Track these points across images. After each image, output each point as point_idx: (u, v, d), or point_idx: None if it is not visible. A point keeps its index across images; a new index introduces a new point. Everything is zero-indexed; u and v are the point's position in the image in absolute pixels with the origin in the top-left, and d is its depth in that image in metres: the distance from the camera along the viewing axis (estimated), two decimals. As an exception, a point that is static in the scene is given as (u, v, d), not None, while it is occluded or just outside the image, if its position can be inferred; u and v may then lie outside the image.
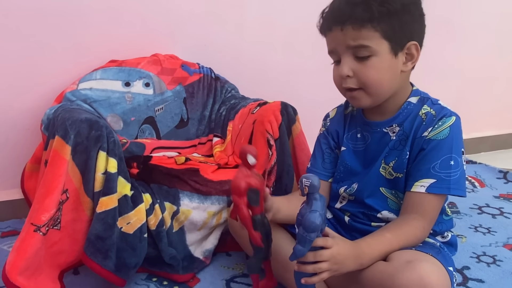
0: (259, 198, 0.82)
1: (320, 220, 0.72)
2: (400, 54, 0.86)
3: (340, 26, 0.83)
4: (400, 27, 0.84)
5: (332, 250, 0.74)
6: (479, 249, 1.22)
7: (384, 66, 0.85)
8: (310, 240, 0.73)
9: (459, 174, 0.85)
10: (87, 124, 0.96)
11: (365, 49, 0.83)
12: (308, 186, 0.73)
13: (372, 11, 0.81)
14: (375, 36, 0.83)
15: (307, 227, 0.72)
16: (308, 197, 0.74)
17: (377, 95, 0.88)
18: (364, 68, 0.85)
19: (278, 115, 1.19)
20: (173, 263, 1.04)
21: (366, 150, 0.96)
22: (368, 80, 0.85)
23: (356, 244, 0.80)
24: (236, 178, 0.80)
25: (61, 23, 1.29)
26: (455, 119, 0.87)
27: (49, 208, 0.91)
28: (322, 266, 0.74)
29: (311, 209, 0.73)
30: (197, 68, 1.44)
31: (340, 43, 0.85)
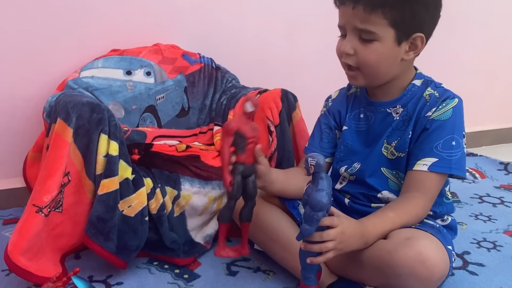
0: (245, 146, 0.82)
1: (327, 199, 0.72)
2: (404, 43, 0.87)
3: (353, 4, 0.84)
4: (411, 17, 0.84)
5: (338, 229, 0.75)
6: (480, 236, 1.22)
7: (385, 52, 0.86)
8: (317, 219, 0.73)
9: (459, 154, 0.86)
10: (89, 107, 0.97)
11: (370, 34, 0.84)
12: (314, 165, 0.73)
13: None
14: (382, 23, 0.83)
15: (313, 206, 0.72)
16: (314, 176, 0.75)
17: (373, 78, 0.90)
18: (365, 50, 0.86)
19: (278, 102, 1.20)
20: (174, 247, 1.05)
21: (369, 130, 0.97)
22: (366, 62, 0.87)
23: (361, 223, 0.80)
24: (229, 120, 0.82)
25: (63, 12, 1.30)
26: (458, 101, 0.89)
27: (51, 189, 0.92)
28: (328, 245, 0.74)
29: (318, 188, 0.73)
30: (198, 58, 1.45)
31: (348, 21, 0.86)
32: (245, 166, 0.83)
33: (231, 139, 0.81)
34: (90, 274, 0.99)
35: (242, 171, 0.83)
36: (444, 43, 2.00)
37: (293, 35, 1.66)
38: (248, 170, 0.84)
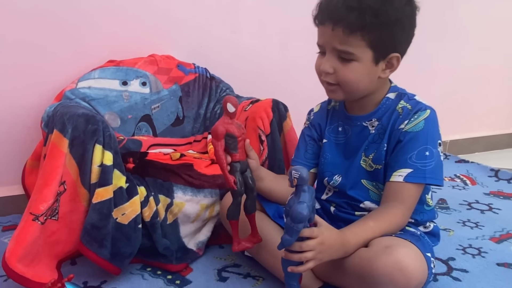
0: (237, 145, 0.87)
1: (307, 211, 0.75)
2: (381, 62, 0.90)
3: (332, 25, 0.86)
4: (387, 39, 0.87)
5: (317, 240, 0.78)
6: (466, 242, 1.25)
7: (364, 72, 0.90)
8: (297, 230, 0.76)
9: (434, 164, 0.89)
10: (84, 119, 1.00)
11: (349, 54, 0.88)
12: (297, 178, 0.76)
13: (365, 21, 0.84)
14: (361, 44, 0.86)
15: (294, 217, 0.75)
16: (297, 188, 0.77)
17: (352, 93, 0.93)
18: (344, 69, 0.89)
19: (269, 112, 1.24)
20: (167, 253, 1.08)
21: (347, 143, 1.00)
22: (346, 80, 0.90)
23: (341, 233, 0.83)
24: (216, 124, 0.86)
25: (61, 24, 1.34)
26: (430, 112, 0.92)
27: (47, 198, 0.95)
28: (307, 255, 0.78)
29: (299, 200, 0.76)
30: (192, 68, 1.49)
31: (328, 41, 0.89)
32: (241, 163, 0.89)
33: (223, 142, 0.86)
34: (85, 279, 1.03)
35: (240, 169, 0.89)
36: (436, 51, 2.05)
37: (286, 44, 1.70)
38: (243, 166, 0.90)
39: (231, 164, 0.88)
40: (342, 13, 0.85)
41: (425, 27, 1.96)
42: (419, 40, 2.13)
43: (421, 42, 2.07)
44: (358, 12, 0.84)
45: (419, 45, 2.14)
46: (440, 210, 1.49)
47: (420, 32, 2.08)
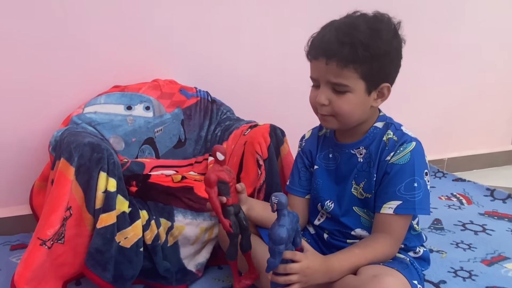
0: (229, 190, 0.93)
1: (286, 233, 0.80)
2: (373, 92, 0.95)
3: (326, 59, 0.91)
4: (378, 70, 0.92)
5: (302, 264, 0.83)
6: (458, 264, 1.29)
7: (357, 102, 0.94)
8: (279, 252, 0.81)
9: (422, 195, 0.93)
10: (90, 147, 1.06)
11: (343, 87, 0.92)
12: (276, 203, 0.82)
13: (357, 54, 0.89)
14: (354, 76, 0.91)
15: (274, 240, 0.81)
16: (278, 213, 0.83)
17: (346, 123, 0.98)
18: (339, 100, 0.94)
19: (267, 137, 1.28)
20: (167, 275, 1.13)
21: (337, 169, 1.05)
22: (341, 111, 0.95)
23: (326, 259, 0.88)
24: (208, 172, 0.91)
25: (69, 51, 1.40)
26: (415, 144, 0.96)
27: (54, 224, 1.01)
28: (292, 278, 0.82)
29: (279, 223, 0.82)
30: (194, 92, 1.54)
31: (322, 75, 0.94)
32: (234, 206, 0.94)
33: (216, 189, 0.91)
34: (89, 300, 1.08)
35: (233, 212, 0.94)
36: (432, 70, 2.09)
37: (284, 69, 1.76)
38: (237, 208, 0.95)
39: (225, 209, 0.93)
40: (335, 48, 0.89)
41: (420, 47, 2.03)
42: (415, 61, 2.18)
43: (417, 63, 2.13)
44: (350, 46, 0.89)
45: (415, 66, 2.20)
46: (435, 231, 1.52)
47: (417, 50, 2.13)
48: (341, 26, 0.91)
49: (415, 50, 2.02)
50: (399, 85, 2.14)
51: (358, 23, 0.90)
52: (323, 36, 0.93)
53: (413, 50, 1.93)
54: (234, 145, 1.38)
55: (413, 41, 2.10)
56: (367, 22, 0.91)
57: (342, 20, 0.94)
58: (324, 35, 0.93)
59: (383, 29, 0.91)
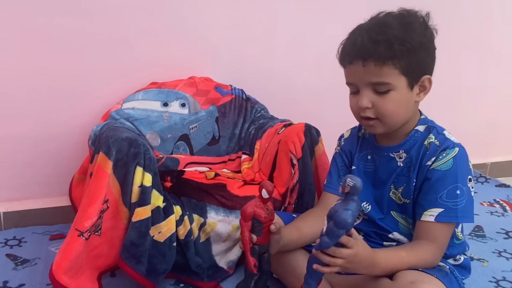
0: (261, 230, 0.90)
1: (351, 219, 0.76)
2: (415, 87, 0.92)
3: (362, 61, 0.89)
4: (417, 63, 0.90)
5: (351, 251, 0.80)
6: (500, 274, 1.23)
7: (401, 99, 0.91)
8: (338, 235, 0.78)
9: (465, 202, 0.89)
10: (127, 142, 1.08)
11: (385, 85, 0.89)
12: (351, 186, 0.76)
13: (394, 50, 0.86)
14: (394, 73, 0.88)
15: (337, 222, 0.77)
16: (347, 196, 0.78)
17: (392, 125, 0.95)
18: (382, 101, 0.91)
19: (301, 136, 1.27)
20: (199, 271, 1.13)
21: (375, 172, 1.02)
22: (386, 112, 0.92)
23: (374, 252, 0.85)
24: (246, 204, 0.89)
25: (109, 49, 1.44)
26: (459, 150, 0.92)
27: (91, 215, 1.03)
28: (337, 262, 0.80)
29: (346, 207, 0.77)
30: (229, 90, 1.55)
31: (360, 78, 0.91)
32: (260, 246, 0.92)
33: (249, 224, 0.90)
34: (123, 292, 1.10)
35: (258, 251, 0.92)
36: (478, 70, 2.01)
37: (321, 67, 1.73)
38: (262, 249, 0.93)
39: (253, 246, 0.91)
40: (370, 48, 0.87)
41: (466, 47, 1.94)
42: (460, 61, 2.10)
43: (463, 62, 2.05)
44: (386, 43, 0.87)
45: (461, 65, 2.11)
46: (476, 238, 1.46)
47: (461, 52, 2.05)
48: (372, 27, 0.89)
49: (461, 48, 1.96)
50: (443, 85, 2.07)
51: (388, 20, 0.89)
52: (355, 40, 0.91)
53: (459, 49, 1.89)
54: (268, 143, 1.37)
55: (460, 40, 2.03)
56: (397, 19, 0.89)
57: (370, 22, 0.92)
58: (355, 40, 0.91)
59: (414, 22, 0.89)
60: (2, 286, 1.11)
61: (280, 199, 1.25)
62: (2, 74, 1.35)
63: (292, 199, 1.24)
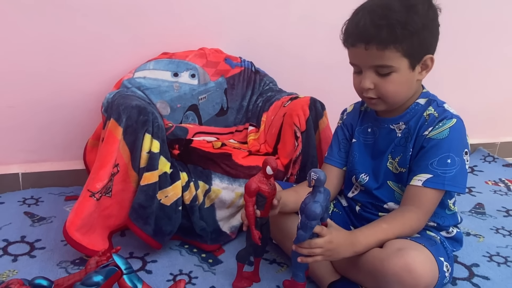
0: (264, 204, 0.94)
1: (320, 210, 0.83)
2: (417, 66, 0.94)
3: (365, 45, 0.90)
4: (419, 44, 0.91)
5: (326, 239, 0.85)
6: (494, 249, 1.26)
7: (403, 80, 0.94)
8: (311, 227, 0.84)
9: (455, 171, 0.93)
10: (137, 110, 1.13)
11: (387, 68, 0.91)
12: (315, 179, 0.83)
13: (396, 34, 0.88)
14: (396, 55, 0.90)
15: (308, 215, 0.84)
16: (314, 189, 0.85)
17: (394, 103, 0.98)
18: (384, 82, 0.93)
19: (306, 110, 1.30)
20: (203, 234, 1.20)
21: (375, 144, 1.05)
22: (387, 93, 0.94)
23: (351, 234, 0.90)
24: (250, 180, 0.93)
25: (122, 19, 1.47)
26: (456, 121, 0.94)
27: (103, 178, 1.09)
28: (316, 251, 0.85)
29: (314, 199, 0.84)
30: (239, 62, 1.57)
31: (363, 60, 0.93)
32: (262, 219, 0.97)
33: (254, 199, 0.94)
34: (131, 250, 1.17)
35: (260, 223, 0.97)
36: (495, 47, 1.98)
37: (332, 42, 1.72)
38: (263, 220, 0.98)
39: (256, 219, 0.95)
40: (373, 32, 0.88)
41: (482, 25, 1.91)
42: (472, 39, 2.07)
43: (475, 40, 2.01)
44: (388, 27, 0.87)
45: (472, 43, 2.08)
46: (476, 215, 1.49)
47: (474, 30, 2.02)
48: (375, 9, 0.89)
49: (477, 26, 1.93)
50: (454, 65, 2.05)
51: (391, 2, 0.89)
52: (358, 22, 0.92)
53: (470, 28, 1.86)
54: (274, 116, 1.40)
55: (472, 19, 1.99)
56: (399, 0, 0.89)
57: (373, 2, 0.92)
58: (358, 21, 0.91)
59: (417, 3, 0.89)
60: (20, 240, 1.19)
61: (283, 170, 1.30)
62: (19, 44, 1.40)
63: (295, 170, 1.28)
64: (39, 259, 1.11)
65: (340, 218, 1.12)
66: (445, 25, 0.98)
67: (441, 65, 1.03)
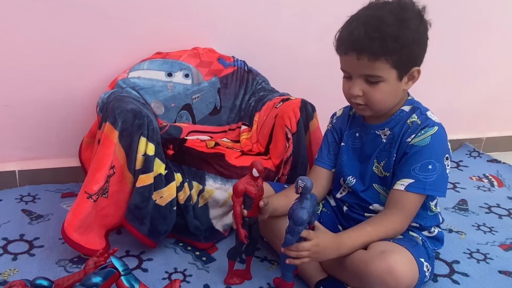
0: (251, 205, 0.99)
1: (306, 216, 0.88)
2: (405, 77, 0.99)
3: (357, 54, 0.94)
4: (408, 57, 0.96)
5: (313, 242, 0.91)
6: (474, 246, 1.32)
7: (390, 90, 0.98)
8: (298, 232, 0.90)
9: (435, 177, 0.98)
10: (132, 114, 1.16)
11: (376, 77, 0.96)
12: (302, 187, 0.88)
13: (387, 47, 0.92)
14: (386, 67, 0.95)
15: (295, 221, 0.89)
16: (301, 195, 0.90)
17: (379, 110, 1.03)
18: (372, 90, 0.98)
19: (297, 112, 1.33)
20: (197, 232, 1.24)
21: (362, 148, 1.10)
22: (374, 101, 0.99)
23: (337, 236, 0.95)
24: (238, 182, 0.98)
25: (116, 18, 1.48)
26: (437, 129, 0.99)
27: (99, 180, 1.13)
28: (303, 254, 0.91)
29: (301, 206, 0.89)
30: (232, 61, 1.60)
31: (354, 68, 0.98)
32: (250, 219, 1.02)
33: (241, 200, 0.99)
34: (128, 248, 1.22)
35: (248, 222, 1.02)
36: (478, 47, 2.02)
37: (324, 41, 1.75)
38: (252, 221, 1.03)
39: (243, 219, 1.00)
40: (365, 44, 0.92)
41: (468, 23, 1.94)
42: (459, 37, 2.10)
43: (461, 38, 2.05)
44: (380, 40, 0.91)
45: (459, 41, 2.12)
46: (459, 211, 1.55)
47: (460, 28, 2.05)
48: (368, 21, 0.93)
49: (460, 24, 1.96)
50: (441, 61, 2.07)
51: (384, 15, 0.92)
52: (351, 32, 0.95)
53: (458, 25, 1.89)
54: (266, 116, 1.44)
55: (459, 16, 2.01)
56: (393, 13, 0.92)
57: (368, 12, 0.96)
58: (352, 31, 0.95)
59: (409, 18, 0.93)
60: (19, 238, 1.23)
61: (274, 170, 1.34)
62: (14, 43, 1.41)
63: (286, 171, 1.33)
64: (38, 257, 1.15)
65: (329, 218, 1.17)
66: (432, 22, 1.01)
67: (429, 62, 1.06)
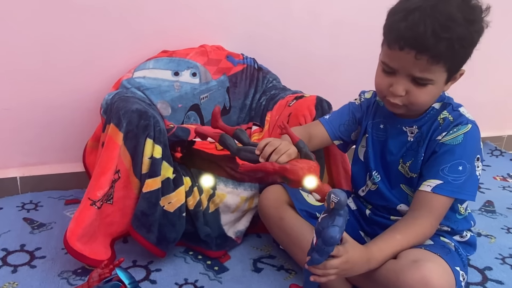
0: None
1: (339, 235, 0.77)
2: (450, 80, 0.90)
3: (415, 53, 0.82)
4: (461, 60, 0.87)
5: (342, 259, 0.81)
6: (506, 251, 1.23)
7: (436, 92, 0.90)
8: (328, 252, 0.79)
9: (464, 179, 0.89)
10: (137, 114, 1.08)
11: (427, 80, 0.86)
12: (336, 202, 0.75)
13: (453, 50, 0.82)
14: (441, 70, 0.85)
15: (326, 240, 0.77)
16: (333, 211, 0.77)
17: (417, 111, 0.94)
18: (418, 92, 0.88)
19: (312, 110, 1.25)
20: (207, 240, 1.16)
21: (385, 142, 1.02)
22: (417, 102, 0.90)
23: (366, 249, 0.86)
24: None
25: (119, 17, 1.41)
26: (471, 127, 0.90)
27: (103, 185, 1.06)
28: (331, 272, 0.82)
29: (333, 223, 0.77)
30: (241, 59, 1.52)
31: (405, 67, 0.86)
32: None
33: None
34: (134, 258, 1.14)
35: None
36: (504, 37, 1.92)
37: (337, 36, 1.68)
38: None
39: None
40: (431, 43, 0.81)
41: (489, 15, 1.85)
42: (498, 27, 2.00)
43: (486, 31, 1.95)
44: (447, 41, 0.81)
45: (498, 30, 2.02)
46: (486, 214, 1.46)
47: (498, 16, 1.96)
48: (436, 16, 0.80)
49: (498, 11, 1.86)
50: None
51: (453, 12, 0.81)
52: (415, 26, 0.81)
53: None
54: (278, 115, 1.36)
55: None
56: (462, 11, 0.82)
57: (432, 3, 0.82)
58: (415, 24, 0.81)
59: (477, 19, 0.84)
60: (20, 249, 1.16)
61: (289, 172, 1.26)
62: (15, 44, 1.35)
63: (301, 172, 1.24)
64: (40, 269, 1.08)
65: (349, 223, 1.07)
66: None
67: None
